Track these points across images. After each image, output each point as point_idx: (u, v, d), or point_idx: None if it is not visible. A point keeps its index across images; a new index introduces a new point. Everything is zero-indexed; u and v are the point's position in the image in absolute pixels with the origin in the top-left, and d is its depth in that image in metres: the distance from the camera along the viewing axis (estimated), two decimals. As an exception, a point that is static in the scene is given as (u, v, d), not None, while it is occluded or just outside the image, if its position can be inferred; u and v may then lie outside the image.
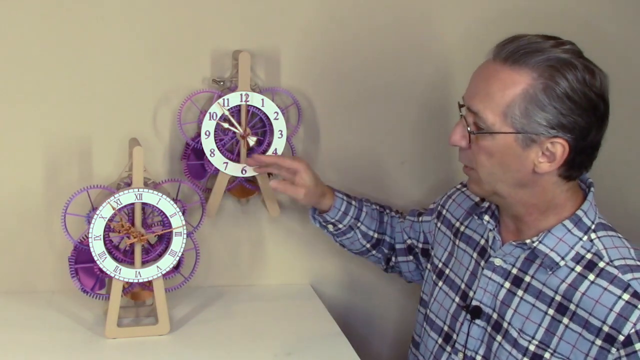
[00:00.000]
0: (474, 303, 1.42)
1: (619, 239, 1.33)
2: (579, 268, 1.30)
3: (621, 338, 1.22)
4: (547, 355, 1.30)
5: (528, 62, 1.24)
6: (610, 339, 1.23)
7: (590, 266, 1.29)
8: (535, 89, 1.24)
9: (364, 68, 1.75)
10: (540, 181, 1.31)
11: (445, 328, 1.48)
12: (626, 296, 1.23)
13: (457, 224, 1.54)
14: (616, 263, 1.28)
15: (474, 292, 1.42)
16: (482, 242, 1.45)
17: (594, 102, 1.25)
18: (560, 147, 1.26)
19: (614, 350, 1.23)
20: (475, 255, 1.46)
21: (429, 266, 1.59)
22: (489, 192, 1.36)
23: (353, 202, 1.64)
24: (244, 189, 1.72)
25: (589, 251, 1.31)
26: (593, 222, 1.33)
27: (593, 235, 1.32)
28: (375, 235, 1.68)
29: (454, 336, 1.45)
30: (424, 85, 1.79)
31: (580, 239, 1.31)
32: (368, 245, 1.68)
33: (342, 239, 1.68)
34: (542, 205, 1.33)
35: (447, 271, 1.52)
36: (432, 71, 1.78)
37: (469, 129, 1.31)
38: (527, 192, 1.32)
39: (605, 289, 1.25)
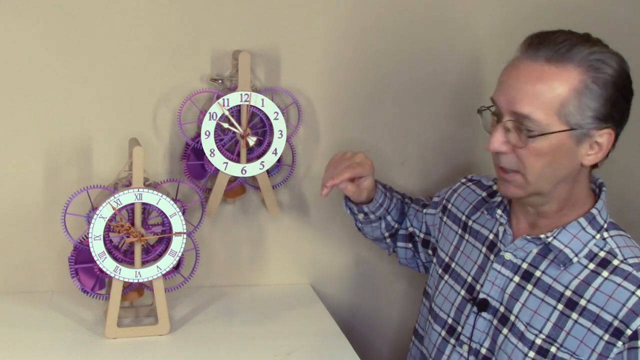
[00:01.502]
0: (482, 296, 1.42)
1: (629, 238, 1.35)
2: (592, 265, 1.31)
3: (629, 332, 1.24)
4: (553, 349, 1.31)
5: (573, 59, 1.26)
6: (618, 333, 1.25)
7: (604, 263, 1.31)
8: (585, 82, 1.25)
9: (363, 68, 1.75)
10: (580, 174, 1.33)
11: (449, 321, 1.49)
12: None
13: (464, 218, 1.54)
14: (630, 261, 1.30)
15: (482, 286, 1.43)
16: (491, 236, 1.46)
17: (631, 88, 1.30)
18: (607, 137, 1.28)
19: (619, 344, 1.25)
20: (484, 249, 1.46)
21: (434, 260, 1.60)
22: (529, 194, 1.34)
23: (387, 194, 1.65)
24: (236, 189, 1.71)
25: (602, 249, 1.32)
26: (605, 221, 1.35)
27: (605, 234, 1.34)
28: (396, 226, 1.68)
29: (459, 328, 1.46)
30: (424, 85, 1.79)
31: (593, 237, 1.33)
32: (387, 234, 1.69)
33: (365, 226, 1.68)
34: (571, 198, 1.35)
35: (452, 265, 1.52)
36: (433, 71, 1.79)
37: (512, 137, 1.29)
38: (566, 187, 1.33)
39: (619, 284, 1.27)
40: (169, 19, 1.63)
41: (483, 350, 1.41)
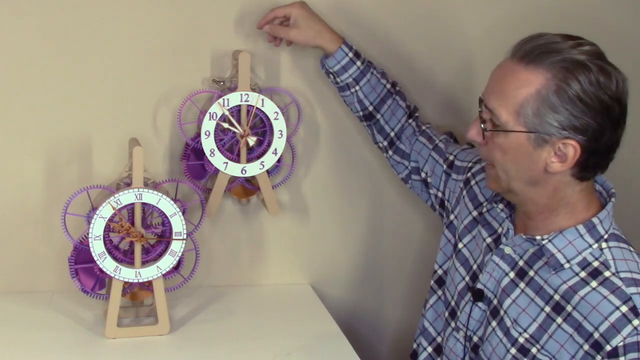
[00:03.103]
0: (478, 286, 1.43)
1: (630, 252, 1.32)
2: (583, 274, 1.30)
3: (608, 348, 1.23)
4: (534, 350, 1.32)
5: (543, 62, 1.25)
6: (597, 346, 1.24)
7: (595, 274, 1.29)
8: (547, 90, 1.25)
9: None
10: (552, 180, 1.31)
11: (452, 303, 1.49)
12: (624, 308, 1.24)
13: (484, 203, 1.51)
14: (622, 275, 1.28)
15: (482, 275, 1.43)
16: (500, 229, 1.45)
17: (607, 105, 1.25)
18: (571, 149, 1.26)
19: (598, 358, 1.24)
20: (489, 240, 1.45)
21: (449, 235, 1.56)
22: (504, 189, 1.37)
23: (357, 63, 1.62)
24: (244, 189, 1.72)
25: (596, 259, 1.30)
26: (607, 232, 1.32)
27: (604, 245, 1.31)
28: (370, 108, 1.65)
29: (458, 313, 1.47)
30: (425, 85, 1.79)
31: (590, 245, 1.31)
32: (361, 114, 1.66)
33: (342, 95, 1.67)
34: (552, 204, 1.34)
35: (460, 246, 1.51)
36: (433, 72, 1.79)
37: (482, 125, 1.33)
38: (539, 191, 1.33)
39: (605, 297, 1.26)
40: (169, 19, 1.63)
41: (475, 339, 1.43)
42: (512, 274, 1.38)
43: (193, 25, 1.65)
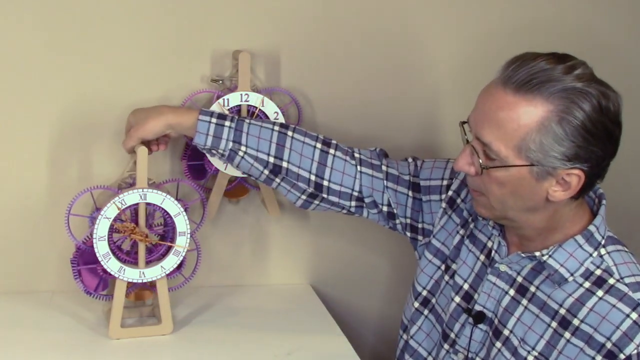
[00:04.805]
0: (477, 308, 1.39)
1: (627, 253, 1.31)
2: (587, 284, 1.28)
3: (622, 357, 1.22)
4: None
5: (542, 93, 1.19)
6: (611, 356, 1.23)
7: (599, 282, 1.27)
8: (550, 122, 1.19)
9: (363, 68, 1.76)
10: (551, 206, 1.28)
11: (444, 325, 1.46)
12: (634, 315, 1.23)
13: (469, 218, 1.46)
14: (627, 280, 1.26)
15: (479, 296, 1.40)
16: (490, 244, 1.41)
17: (609, 130, 1.22)
18: (575, 178, 1.23)
19: None
20: (482, 257, 1.41)
21: (429, 256, 1.51)
22: (498, 217, 1.33)
23: (227, 122, 1.45)
24: (239, 189, 1.72)
25: (598, 267, 1.29)
26: (603, 237, 1.30)
27: (603, 251, 1.29)
28: (271, 160, 1.47)
29: (452, 335, 1.44)
30: (424, 86, 1.80)
31: (591, 254, 1.29)
32: (267, 173, 1.48)
33: (236, 166, 1.50)
34: (551, 225, 1.31)
35: (453, 266, 1.46)
36: (433, 72, 1.79)
37: (480, 161, 1.27)
38: (537, 216, 1.30)
39: (614, 306, 1.24)
40: (169, 19, 1.63)
41: None
42: (512, 292, 1.35)
43: (193, 25, 1.65)
